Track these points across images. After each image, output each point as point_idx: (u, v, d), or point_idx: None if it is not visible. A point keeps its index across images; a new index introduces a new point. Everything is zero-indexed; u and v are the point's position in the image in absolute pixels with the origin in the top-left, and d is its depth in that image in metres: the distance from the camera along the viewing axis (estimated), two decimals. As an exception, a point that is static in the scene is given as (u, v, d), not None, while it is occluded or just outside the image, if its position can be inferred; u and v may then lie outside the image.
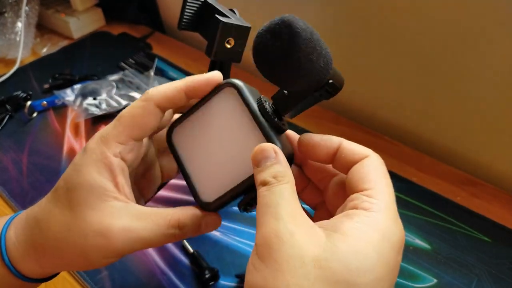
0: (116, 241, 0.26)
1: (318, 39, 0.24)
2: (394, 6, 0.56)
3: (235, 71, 0.76)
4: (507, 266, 0.47)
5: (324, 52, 0.24)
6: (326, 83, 0.26)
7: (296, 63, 0.23)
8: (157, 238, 0.27)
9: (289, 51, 0.23)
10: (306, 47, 0.23)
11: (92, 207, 0.26)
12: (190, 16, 0.43)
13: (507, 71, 0.50)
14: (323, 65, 0.24)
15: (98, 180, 0.27)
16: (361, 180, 0.25)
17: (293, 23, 0.23)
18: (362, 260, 0.21)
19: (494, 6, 0.47)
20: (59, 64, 0.80)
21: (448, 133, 0.62)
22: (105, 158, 0.27)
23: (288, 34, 0.23)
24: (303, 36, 0.23)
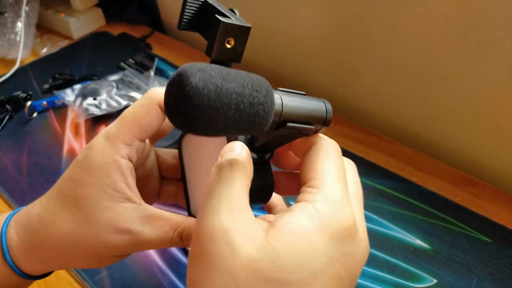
0: (126, 241, 0.27)
1: (227, 91, 0.19)
2: (394, 6, 0.56)
3: (235, 71, 0.76)
4: (507, 266, 0.47)
5: (240, 101, 0.19)
6: (280, 124, 0.23)
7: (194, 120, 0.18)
8: (161, 243, 0.28)
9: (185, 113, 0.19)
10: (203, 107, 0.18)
11: (104, 207, 0.27)
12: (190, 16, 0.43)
13: (507, 71, 0.50)
14: (243, 115, 0.19)
15: (110, 182, 0.27)
16: (306, 171, 0.24)
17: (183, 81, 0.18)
18: (295, 256, 0.20)
19: (494, 6, 0.47)
20: (59, 64, 0.80)
21: (448, 133, 0.62)
22: (115, 161, 0.27)
23: (178, 98, 0.18)
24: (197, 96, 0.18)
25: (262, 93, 0.20)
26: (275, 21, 0.71)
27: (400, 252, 0.48)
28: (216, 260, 0.20)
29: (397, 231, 0.50)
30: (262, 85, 0.20)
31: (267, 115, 0.20)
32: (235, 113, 0.19)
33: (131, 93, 0.70)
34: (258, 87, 0.20)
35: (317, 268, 0.20)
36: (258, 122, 0.20)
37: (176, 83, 0.18)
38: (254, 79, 0.20)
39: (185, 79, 0.18)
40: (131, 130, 0.28)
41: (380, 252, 0.48)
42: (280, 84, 0.76)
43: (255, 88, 0.20)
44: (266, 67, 0.79)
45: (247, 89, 0.19)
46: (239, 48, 0.41)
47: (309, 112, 0.24)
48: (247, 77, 0.20)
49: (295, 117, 0.23)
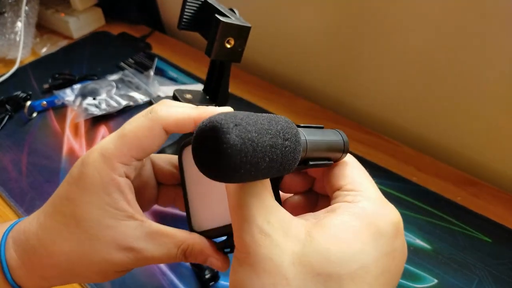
0: (130, 259, 0.27)
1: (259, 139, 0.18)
2: (394, 6, 0.56)
3: (235, 71, 0.76)
4: (508, 266, 0.47)
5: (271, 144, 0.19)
6: (303, 162, 0.23)
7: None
8: (165, 260, 0.28)
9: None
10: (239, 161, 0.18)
11: (105, 226, 0.26)
12: (190, 16, 0.43)
13: (507, 71, 0.50)
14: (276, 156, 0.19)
15: (110, 201, 0.26)
16: (337, 179, 0.25)
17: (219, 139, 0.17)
18: (344, 250, 0.20)
19: (493, 6, 0.47)
20: (59, 64, 0.79)
21: (448, 133, 0.62)
22: (113, 180, 0.26)
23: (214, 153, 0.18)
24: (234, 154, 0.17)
25: (292, 141, 0.20)
26: (275, 21, 0.71)
27: (400, 252, 0.48)
28: (263, 262, 0.20)
29: (397, 231, 0.50)
30: (291, 132, 0.20)
31: (295, 160, 0.21)
32: (268, 164, 0.19)
33: (131, 92, 0.70)
34: (289, 134, 0.20)
35: (368, 261, 0.20)
36: (287, 168, 0.21)
37: (211, 136, 0.18)
38: (284, 126, 0.20)
39: (222, 136, 0.17)
40: (130, 150, 0.27)
41: (380, 252, 0.48)
42: (280, 84, 0.76)
43: (287, 137, 0.20)
44: (266, 67, 0.79)
45: (279, 139, 0.19)
46: (239, 47, 0.41)
47: (329, 147, 0.25)
48: (278, 126, 0.20)
49: (317, 154, 0.24)
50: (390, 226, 0.22)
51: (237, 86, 0.72)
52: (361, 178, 0.24)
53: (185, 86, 0.74)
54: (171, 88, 0.72)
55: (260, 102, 0.70)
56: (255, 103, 0.69)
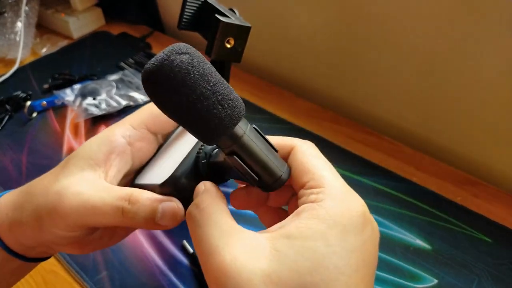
0: (65, 202, 0.26)
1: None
2: (395, 7, 0.56)
3: (235, 71, 0.76)
4: (508, 266, 0.47)
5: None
6: (229, 152, 0.23)
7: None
8: (105, 208, 0.26)
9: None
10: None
11: (70, 172, 0.27)
12: (190, 16, 0.43)
13: (507, 71, 0.50)
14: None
15: (93, 150, 0.28)
16: (300, 174, 0.24)
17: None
18: (312, 258, 0.20)
19: (493, 7, 0.47)
20: (59, 64, 0.79)
21: (448, 133, 0.62)
22: (111, 135, 0.28)
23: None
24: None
25: (226, 111, 0.21)
26: (275, 21, 0.71)
27: (400, 252, 0.48)
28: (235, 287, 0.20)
29: (397, 231, 0.50)
30: (233, 106, 0.21)
31: (217, 132, 0.21)
32: (187, 105, 0.20)
33: (131, 93, 0.70)
34: (228, 105, 0.21)
35: (338, 263, 0.20)
36: (205, 133, 0.21)
37: (165, 52, 0.20)
38: (230, 97, 0.21)
39: (171, 52, 0.20)
40: (143, 117, 0.29)
41: (380, 252, 0.48)
42: (280, 84, 0.76)
43: (223, 104, 0.21)
44: (266, 67, 0.79)
45: (214, 97, 0.20)
46: (239, 47, 0.41)
47: (263, 163, 0.23)
48: (224, 90, 0.21)
49: (246, 157, 0.23)
50: (355, 219, 0.21)
51: (237, 86, 0.72)
52: (323, 171, 0.23)
53: (185, 86, 0.74)
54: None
55: (260, 102, 0.70)
56: (255, 103, 0.69)
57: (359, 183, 0.56)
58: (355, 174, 0.57)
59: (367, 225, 0.22)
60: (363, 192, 0.55)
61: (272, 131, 0.64)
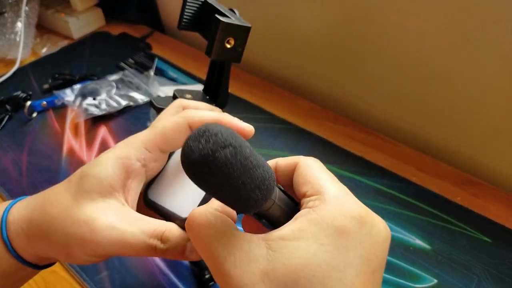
0: (98, 235, 0.26)
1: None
2: (395, 7, 0.56)
3: (235, 71, 0.76)
4: (508, 266, 0.47)
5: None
6: (257, 215, 0.25)
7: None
8: (138, 245, 0.27)
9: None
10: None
11: (91, 198, 0.27)
12: (190, 16, 0.43)
13: (507, 71, 0.50)
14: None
15: (109, 175, 0.27)
16: (299, 186, 0.25)
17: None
18: (304, 256, 0.21)
19: (493, 7, 0.47)
20: (59, 64, 0.80)
21: (448, 133, 0.62)
22: (127, 159, 0.28)
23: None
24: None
25: (262, 193, 0.22)
26: (275, 21, 0.71)
27: (400, 252, 0.48)
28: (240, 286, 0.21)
29: (397, 231, 0.50)
30: (267, 187, 0.22)
31: (252, 208, 0.22)
32: (229, 194, 0.21)
33: (131, 93, 0.70)
34: (264, 186, 0.22)
35: (330, 260, 0.21)
36: (241, 208, 0.22)
37: (206, 141, 0.20)
38: (266, 178, 0.22)
39: (214, 146, 0.19)
40: (156, 139, 0.29)
41: (380, 252, 0.48)
42: (280, 84, 0.76)
43: (261, 187, 0.22)
44: (266, 67, 0.79)
45: (253, 183, 0.21)
46: (239, 48, 0.41)
47: (286, 217, 0.25)
48: (263, 174, 0.22)
49: (272, 216, 0.25)
50: (349, 221, 0.22)
51: (237, 86, 0.72)
52: (321, 180, 0.24)
53: (185, 86, 0.74)
54: (171, 88, 0.72)
55: (260, 102, 0.70)
56: (255, 103, 0.70)
57: (359, 183, 0.56)
58: (355, 174, 0.57)
59: (364, 225, 0.22)
60: (363, 192, 0.55)
61: (272, 131, 0.64)
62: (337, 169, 0.57)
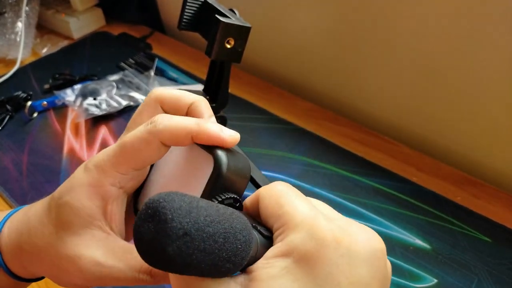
0: (85, 273, 0.26)
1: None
2: (394, 7, 0.56)
3: (235, 71, 0.76)
4: (507, 266, 0.47)
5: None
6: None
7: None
8: (127, 280, 0.26)
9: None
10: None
11: (73, 231, 0.26)
12: (190, 16, 0.43)
13: (507, 71, 0.50)
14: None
15: (86, 206, 0.26)
16: (267, 219, 0.23)
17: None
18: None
19: (493, 7, 0.47)
20: (59, 64, 0.80)
21: (448, 133, 0.62)
22: (100, 186, 0.26)
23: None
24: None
25: (234, 264, 0.19)
26: (275, 21, 0.71)
27: (400, 252, 0.48)
28: None
29: (397, 231, 0.50)
30: (240, 256, 0.20)
31: (225, 276, 0.20)
32: (196, 274, 0.19)
33: (131, 93, 0.71)
34: (236, 257, 0.19)
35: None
36: (221, 274, 0.20)
37: (156, 229, 0.17)
38: (238, 248, 0.19)
39: (164, 239, 0.17)
40: (128, 161, 0.26)
41: (380, 252, 0.48)
42: (280, 84, 0.76)
43: (232, 259, 0.19)
44: (266, 67, 0.79)
45: (222, 259, 0.19)
46: (239, 48, 0.41)
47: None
48: (232, 245, 0.19)
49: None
50: (320, 244, 0.20)
51: (237, 86, 0.72)
52: (283, 207, 0.22)
53: (185, 86, 0.74)
54: (171, 88, 0.72)
55: (260, 102, 0.70)
56: (255, 103, 0.70)
57: (359, 183, 0.56)
58: (355, 174, 0.57)
59: (340, 244, 0.20)
60: (363, 192, 0.55)
61: (272, 131, 0.64)
62: (337, 169, 0.57)
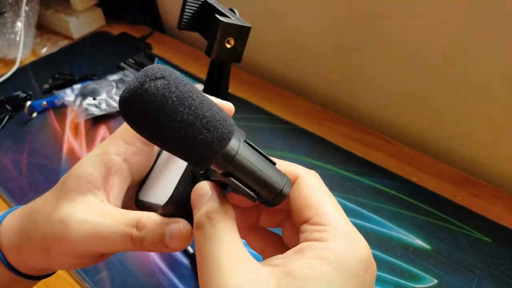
0: (71, 232, 0.25)
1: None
2: (394, 7, 0.56)
3: (235, 71, 0.76)
4: (508, 266, 0.47)
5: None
6: (224, 173, 0.22)
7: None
8: (112, 236, 0.25)
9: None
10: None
11: (70, 198, 0.26)
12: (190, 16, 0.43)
13: (507, 71, 0.50)
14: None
15: (89, 172, 0.26)
16: (303, 208, 0.23)
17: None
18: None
19: (493, 7, 0.47)
20: (59, 64, 0.80)
21: (448, 133, 0.62)
22: (105, 154, 0.27)
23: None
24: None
25: (212, 135, 0.19)
26: (275, 21, 0.71)
27: (400, 252, 0.48)
28: None
29: (397, 231, 0.50)
30: (221, 127, 0.20)
31: (206, 157, 0.20)
32: (171, 133, 0.19)
33: (131, 93, 0.70)
34: (214, 127, 0.19)
35: None
36: (192, 156, 0.20)
37: (139, 78, 0.18)
38: (216, 118, 0.20)
39: (143, 79, 0.18)
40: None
41: (380, 252, 0.48)
42: (280, 84, 0.76)
43: (208, 127, 0.19)
44: (266, 67, 0.79)
45: (198, 122, 0.19)
46: (239, 48, 0.41)
47: (261, 180, 0.22)
48: (208, 112, 0.19)
49: (242, 176, 0.22)
50: (360, 264, 0.21)
51: (237, 86, 0.72)
52: (328, 207, 0.23)
53: (185, 86, 0.74)
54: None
55: (260, 102, 0.70)
56: (255, 103, 0.70)
57: (359, 183, 0.56)
58: (355, 174, 0.57)
59: (369, 269, 0.22)
60: (363, 192, 0.55)
61: (272, 131, 0.64)
62: (337, 169, 0.57)
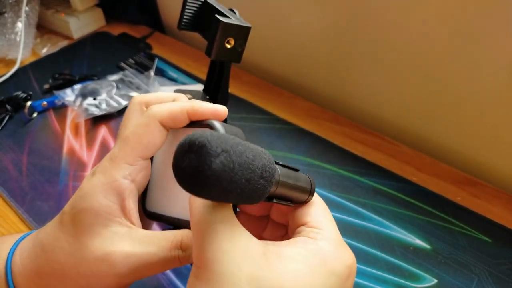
0: (119, 268, 0.25)
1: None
2: (394, 7, 0.56)
3: (235, 71, 0.76)
4: (508, 266, 0.47)
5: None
6: (268, 198, 0.24)
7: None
8: (161, 262, 0.26)
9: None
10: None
11: (95, 233, 0.26)
12: (190, 16, 0.43)
13: (507, 71, 0.50)
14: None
15: (104, 204, 0.26)
16: (302, 216, 0.26)
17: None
18: (294, 281, 0.21)
19: (493, 7, 0.47)
20: (59, 64, 0.80)
21: (448, 133, 0.62)
22: (114, 181, 0.26)
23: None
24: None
25: (267, 180, 0.21)
26: (275, 21, 0.71)
27: (400, 252, 0.48)
28: (221, 278, 0.20)
29: (397, 231, 0.50)
30: (270, 171, 0.21)
31: (263, 197, 0.22)
32: (237, 195, 0.20)
33: (131, 93, 0.70)
34: (266, 173, 0.21)
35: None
36: (252, 201, 0.22)
37: (197, 153, 0.18)
38: (266, 164, 0.21)
39: (208, 157, 0.18)
40: (134, 150, 0.27)
41: (380, 252, 0.48)
42: (280, 84, 0.76)
43: (264, 175, 0.21)
44: (266, 67, 0.79)
45: (256, 175, 0.20)
46: (239, 48, 0.41)
47: (297, 191, 0.26)
48: (260, 162, 0.21)
49: (283, 194, 0.25)
50: (343, 267, 0.23)
51: (237, 86, 0.72)
52: (324, 219, 0.26)
53: (185, 86, 0.74)
54: (171, 88, 0.72)
55: (260, 102, 0.70)
56: (255, 103, 0.70)
57: (359, 183, 0.56)
58: (355, 174, 0.57)
59: (351, 277, 0.24)
60: (363, 192, 0.55)
61: (272, 131, 0.64)
62: (337, 169, 0.57)
